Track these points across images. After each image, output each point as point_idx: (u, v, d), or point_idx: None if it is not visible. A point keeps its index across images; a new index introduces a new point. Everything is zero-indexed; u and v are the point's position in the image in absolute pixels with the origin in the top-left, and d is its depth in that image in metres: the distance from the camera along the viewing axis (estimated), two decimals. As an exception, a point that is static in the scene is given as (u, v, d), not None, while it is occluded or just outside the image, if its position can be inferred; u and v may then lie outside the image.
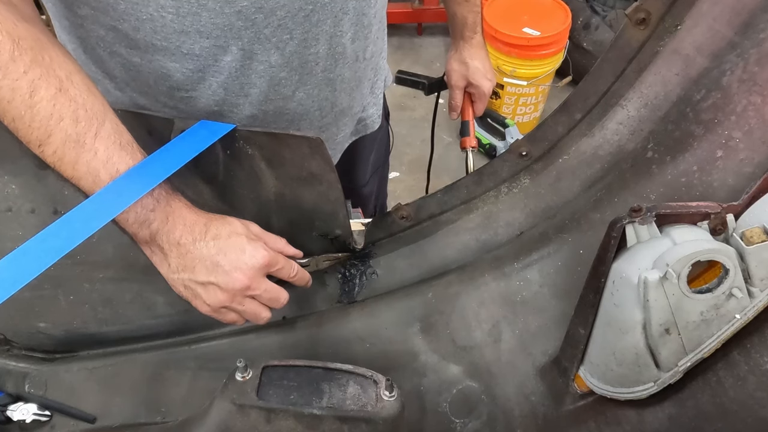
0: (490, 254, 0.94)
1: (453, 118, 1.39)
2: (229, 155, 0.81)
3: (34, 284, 0.59)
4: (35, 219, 0.81)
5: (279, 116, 0.95)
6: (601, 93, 0.86)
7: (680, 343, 0.64)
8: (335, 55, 0.91)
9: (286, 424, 0.70)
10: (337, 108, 1.01)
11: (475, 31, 1.28)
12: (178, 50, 0.80)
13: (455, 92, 1.35)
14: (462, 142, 1.38)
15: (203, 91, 0.88)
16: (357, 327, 0.93)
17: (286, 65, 0.87)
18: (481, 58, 1.31)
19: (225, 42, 0.81)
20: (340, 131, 1.08)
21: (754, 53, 0.73)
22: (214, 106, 0.90)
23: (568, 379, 0.79)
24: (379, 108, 1.21)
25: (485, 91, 1.33)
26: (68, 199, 0.80)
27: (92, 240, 0.64)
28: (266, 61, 0.86)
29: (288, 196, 0.85)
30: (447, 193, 0.94)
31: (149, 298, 0.90)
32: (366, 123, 1.18)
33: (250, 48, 0.83)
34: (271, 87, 0.89)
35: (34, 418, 0.86)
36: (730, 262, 0.60)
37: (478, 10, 1.27)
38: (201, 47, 0.80)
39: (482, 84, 1.31)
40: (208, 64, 0.83)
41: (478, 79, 1.31)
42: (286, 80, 0.89)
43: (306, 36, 0.85)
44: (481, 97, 1.35)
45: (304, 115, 0.96)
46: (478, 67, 1.31)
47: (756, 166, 0.72)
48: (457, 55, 1.32)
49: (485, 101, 1.36)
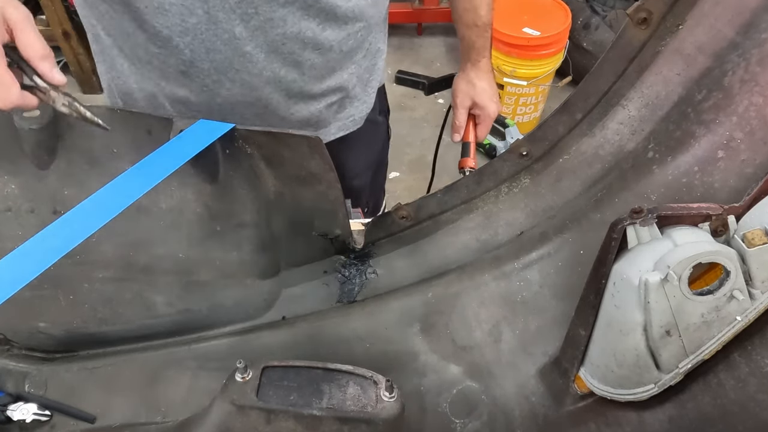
0: (490, 254, 0.93)
1: (455, 140, 1.35)
2: (228, 155, 0.80)
3: (34, 284, 0.59)
4: (35, 219, 0.81)
5: (246, 91, 0.99)
6: (602, 93, 0.86)
7: (681, 344, 0.64)
8: (304, 39, 0.95)
9: (286, 425, 0.69)
10: (306, 92, 1.04)
11: (483, 55, 1.29)
12: (151, 3, 0.88)
13: (459, 111, 1.33)
14: (461, 162, 1.32)
15: (172, 50, 0.93)
16: (357, 327, 0.93)
17: (251, 39, 0.92)
18: (489, 80, 1.31)
19: (191, 3, 0.87)
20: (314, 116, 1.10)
21: (756, 53, 0.73)
22: (182, 66, 0.95)
23: (569, 380, 0.79)
24: (368, 105, 1.21)
25: (490, 114, 1.32)
26: (68, 199, 0.80)
27: (92, 240, 0.64)
28: (230, 31, 0.90)
29: (287, 195, 0.85)
30: (447, 193, 0.94)
31: (149, 298, 0.89)
32: (355, 119, 1.19)
33: (215, 14, 0.88)
34: (236, 57, 0.94)
35: (34, 418, 0.86)
36: (731, 264, 0.60)
37: (488, 36, 1.28)
38: (170, 3, 0.88)
39: (488, 106, 1.30)
40: (175, 22, 0.89)
41: (485, 100, 1.30)
42: (251, 55, 0.94)
43: (272, 16, 0.91)
44: (485, 120, 1.33)
45: (271, 94, 1.01)
46: (485, 88, 1.30)
47: (757, 168, 0.72)
48: (464, 76, 1.32)
49: (489, 125, 1.34)
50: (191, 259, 0.88)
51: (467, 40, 1.27)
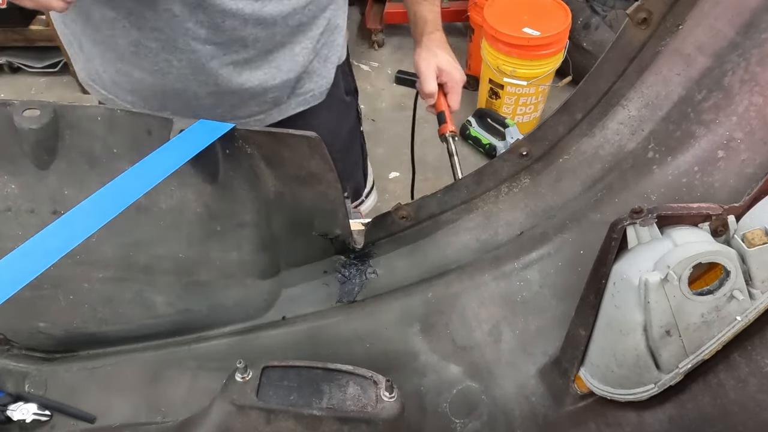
0: (490, 254, 0.93)
1: (429, 104, 1.31)
2: (228, 155, 0.80)
3: (34, 284, 0.59)
4: (35, 219, 0.81)
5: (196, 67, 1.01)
6: (602, 93, 0.86)
7: (681, 344, 0.64)
8: (244, 16, 0.97)
9: (286, 425, 0.69)
10: (255, 65, 1.06)
11: (436, 28, 1.30)
12: None
13: (428, 79, 1.28)
14: (440, 129, 1.28)
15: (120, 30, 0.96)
16: (357, 327, 0.93)
17: (191, 16, 0.95)
18: (448, 51, 1.31)
19: None
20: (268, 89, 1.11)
21: (756, 53, 0.73)
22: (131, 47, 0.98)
23: (569, 380, 0.79)
24: (327, 81, 1.22)
25: (458, 80, 1.29)
26: (68, 199, 0.80)
27: (92, 240, 0.64)
28: (170, 9, 0.93)
29: (287, 195, 0.85)
30: (447, 193, 0.94)
31: (149, 298, 0.89)
32: (314, 94, 1.21)
33: None
34: (179, 36, 0.96)
35: (34, 418, 0.86)
36: (732, 264, 0.60)
37: (437, 10, 1.31)
38: None
39: (454, 73, 1.28)
40: (120, 3, 0.92)
41: (449, 68, 1.28)
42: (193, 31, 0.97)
43: None
44: (454, 87, 1.30)
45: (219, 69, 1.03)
46: (448, 58, 1.29)
47: (757, 167, 0.72)
48: (423, 48, 1.30)
49: (459, 92, 1.31)
50: (191, 259, 0.88)
51: (419, 15, 1.31)
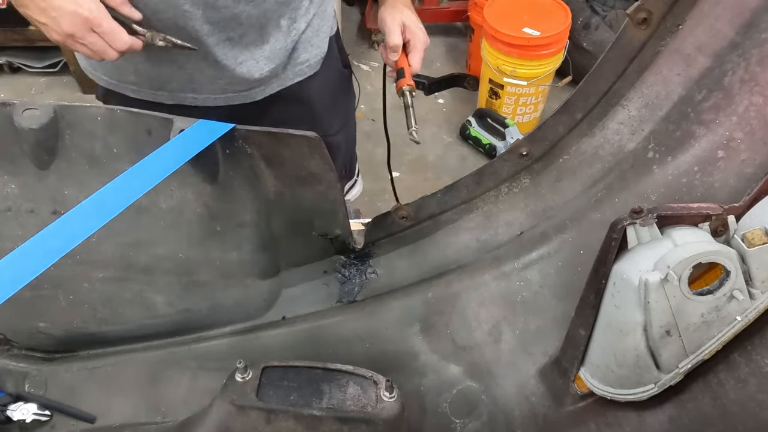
0: (490, 254, 0.93)
1: (392, 59, 1.26)
2: (228, 155, 0.80)
3: (34, 284, 0.59)
4: (35, 219, 0.81)
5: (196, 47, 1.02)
6: (602, 93, 0.86)
7: (681, 344, 0.64)
8: None
9: (286, 425, 0.70)
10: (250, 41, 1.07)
11: None
12: None
13: (393, 33, 1.24)
14: (397, 84, 1.20)
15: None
16: (357, 327, 0.93)
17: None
18: (413, 11, 1.29)
19: None
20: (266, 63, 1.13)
21: (756, 53, 0.72)
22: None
23: (569, 380, 0.79)
24: (321, 50, 1.23)
25: (422, 39, 1.27)
26: (68, 199, 0.80)
27: (92, 240, 0.64)
28: None
29: (287, 195, 0.85)
30: (447, 193, 0.94)
31: (149, 298, 0.89)
32: (310, 63, 1.22)
33: None
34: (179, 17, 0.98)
35: (34, 418, 0.86)
36: (731, 264, 0.60)
37: None
38: None
39: (418, 32, 1.26)
40: None
41: (413, 27, 1.26)
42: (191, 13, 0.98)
43: None
44: (417, 46, 1.27)
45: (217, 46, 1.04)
46: (412, 17, 1.27)
47: (757, 168, 0.72)
48: (387, 7, 1.28)
49: (422, 52, 1.28)
50: (191, 259, 0.88)
51: None
